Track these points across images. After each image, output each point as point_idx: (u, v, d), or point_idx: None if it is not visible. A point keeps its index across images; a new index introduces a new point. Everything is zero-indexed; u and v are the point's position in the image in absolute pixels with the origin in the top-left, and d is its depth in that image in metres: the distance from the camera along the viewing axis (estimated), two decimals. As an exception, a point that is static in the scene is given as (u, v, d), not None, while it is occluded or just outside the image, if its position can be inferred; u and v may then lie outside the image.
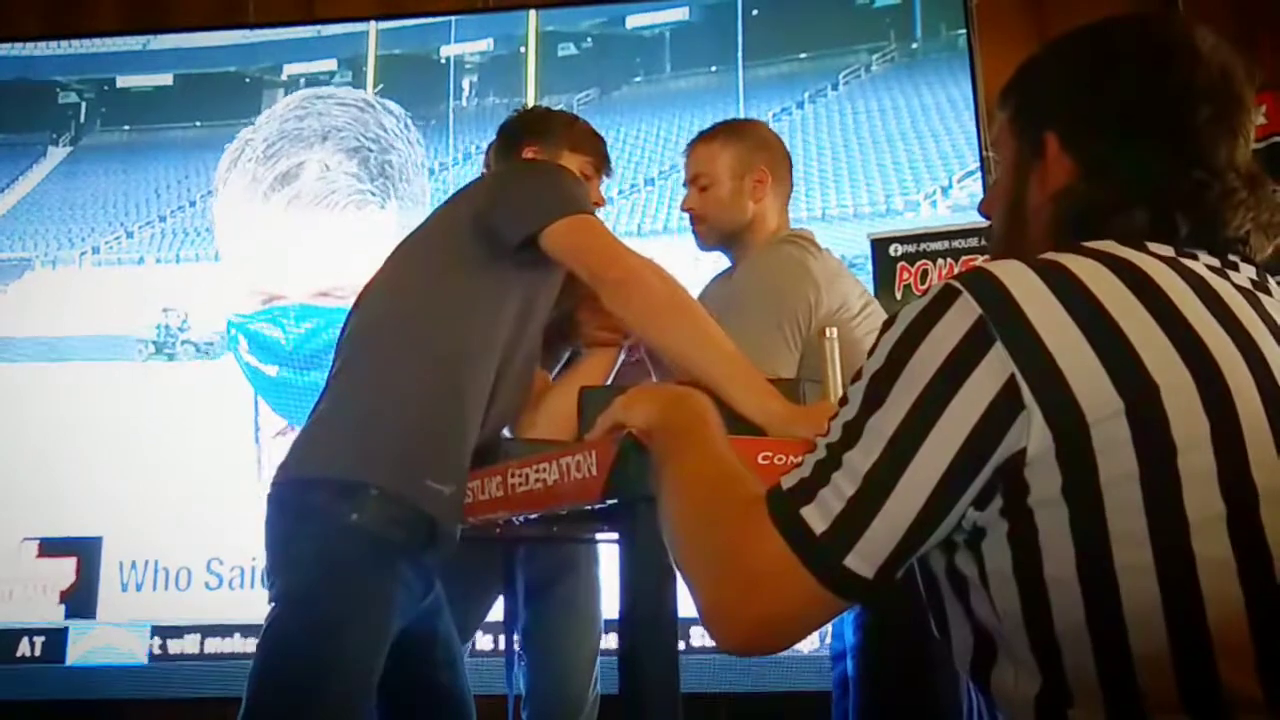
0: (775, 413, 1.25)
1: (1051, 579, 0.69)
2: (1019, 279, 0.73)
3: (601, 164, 1.72)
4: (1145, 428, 0.68)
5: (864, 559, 0.71)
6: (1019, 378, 0.69)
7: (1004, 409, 0.69)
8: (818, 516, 0.72)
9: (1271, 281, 0.81)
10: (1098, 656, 0.68)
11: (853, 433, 0.74)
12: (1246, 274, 0.79)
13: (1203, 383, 0.69)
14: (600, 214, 1.55)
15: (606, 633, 2.00)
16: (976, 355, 0.70)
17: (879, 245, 2.99)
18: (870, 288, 2.90)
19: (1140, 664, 0.67)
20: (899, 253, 2.98)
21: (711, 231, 1.90)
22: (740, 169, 1.87)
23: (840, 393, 1.32)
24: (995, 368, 0.70)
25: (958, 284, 0.74)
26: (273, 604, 1.35)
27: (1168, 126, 0.81)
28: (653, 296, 1.36)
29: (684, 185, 1.95)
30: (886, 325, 0.76)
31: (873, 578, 0.71)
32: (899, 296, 2.90)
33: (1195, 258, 0.78)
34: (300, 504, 1.35)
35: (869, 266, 3.01)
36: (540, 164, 1.61)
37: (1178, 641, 0.66)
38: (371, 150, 3.57)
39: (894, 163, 3.39)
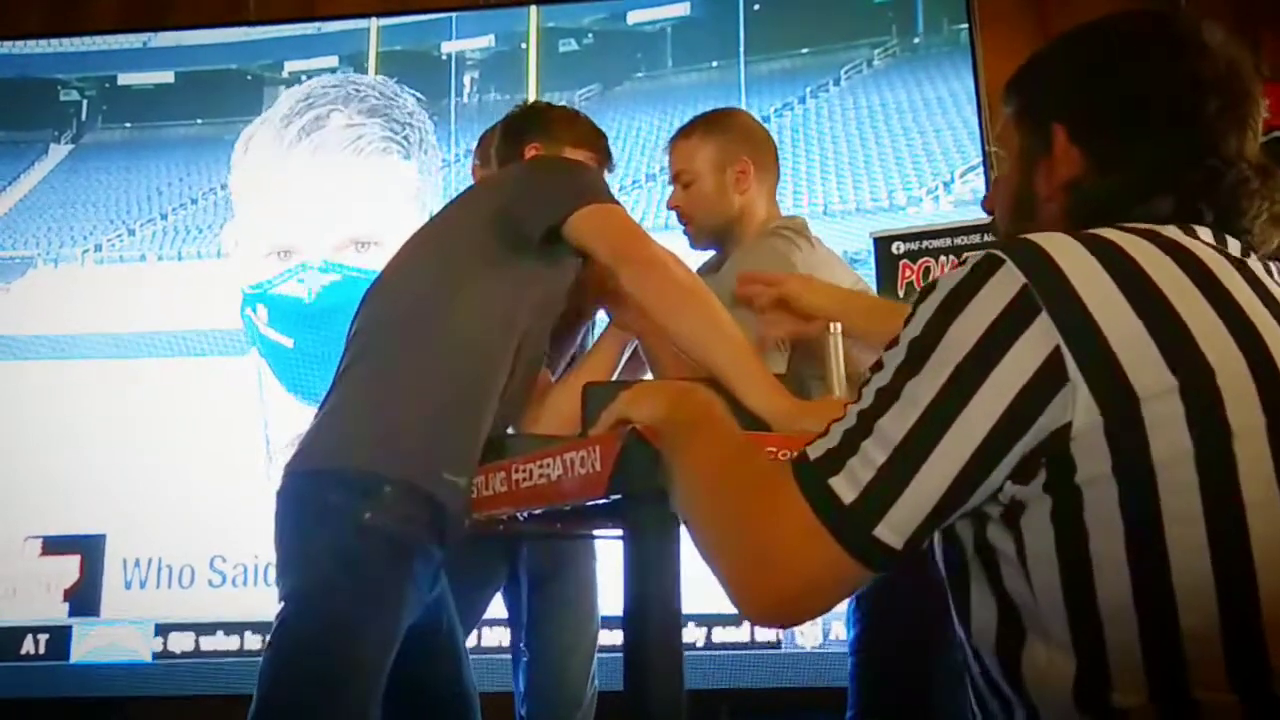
0: (781, 408, 1.25)
1: (1098, 556, 0.68)
2: (1065, 249, 0.72)
3: (604, 159, 1.72)
4: (1200, 408, 0.67)
5: (894, 529, 0.70)
6: (1064, 350, 0.68)
7: (1047, 382, 0.68)
8: (847, 486, 0.71)
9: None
10: (1144, 635, 0.67)
11: (886, 399, 0.72)
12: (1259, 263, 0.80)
13: (1255, 365, 0.69)
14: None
15: (608, 628, 2.00)
16: (1020, 325, 0.69)
17: (881, 243, 2.98)
18: (873, 286, 2.91)
19: (1189, 643, 0.66)
20: (901, 250, 2.96)
21: (700, 229, 1.88)
22: (721, 162, 1.83)
23: (843, 387, 1.33)
24: (1039, 339, 0.69)
25: (1000, 253, 0.73)
26: (283, 602, 1.34)
27: (1178, 116, 0.81)
28: (673, 281, 1.37)
29: (669, 183, 1.93)
30: (925, 292, 0.75)
31: (901, 548, 0.71)
32: (901, 295, 2.89)
33: (1227, 244, 0.78)
34: (313, 499, 1.34)
35: (871, 264, 3.00)
36: (559, 159, 1.62)
37: (1229, 621, 0.66)
38: (395, 110, 3.58)
39: (896, 158, 3.38)
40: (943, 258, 2.91)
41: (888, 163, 3.39)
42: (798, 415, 1.22)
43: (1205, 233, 0.78)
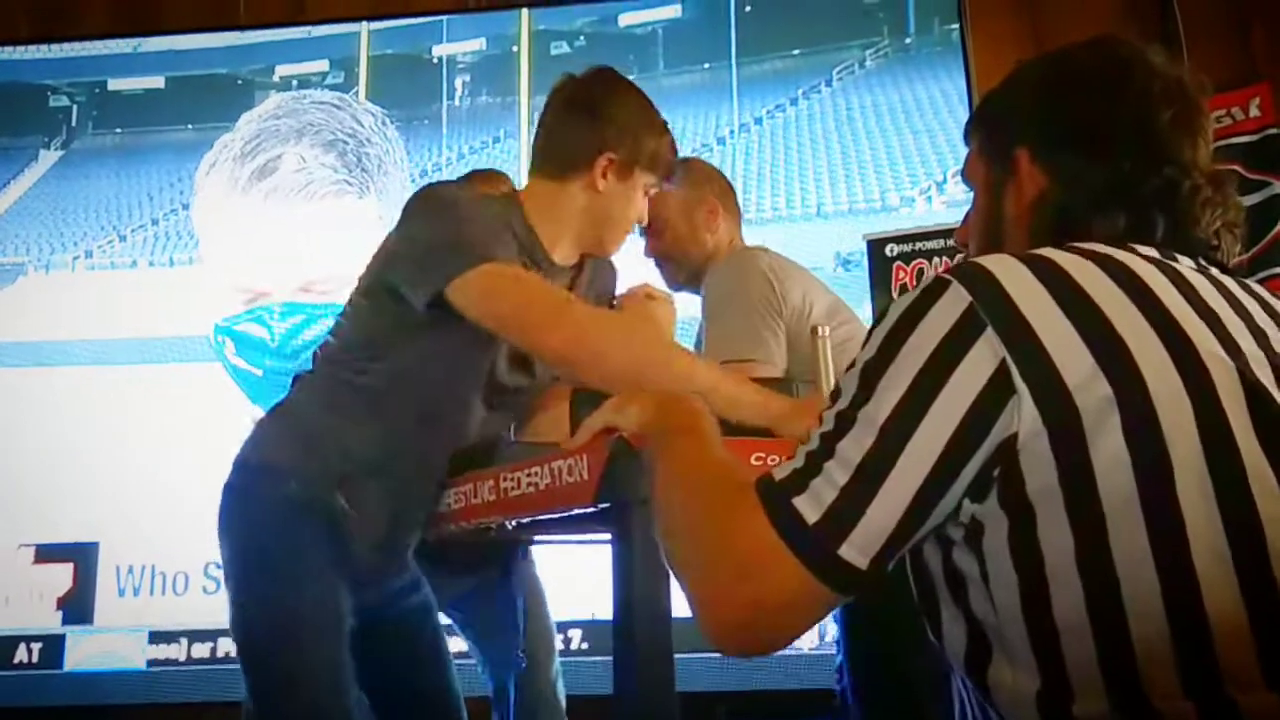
0: (776, 410, 1.24)
1: (1052, 572, 0.69)
2: (1007, 269, 0.75)
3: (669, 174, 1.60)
4: (1135, 417, 0.69)
5: (858, 549, 0.71)
6: (1010, 362, 0.70)
7: (996, 394, 0.70)
8: (810, 506, 0.72)
9: (1254, 284, 0.83)
10: (1099, 646, 0.68)
11: (845, 422, 0.74)
12: (1223, 274, 0.82)
13: (1187, 373, 0.70)
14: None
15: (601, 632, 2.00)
16: (968, 341, 0.71)
17: (875, 245, 2.99)
18: (867, 288, 2.92)
19: (1141, 652, 0.67)
20: (895, 252, 2.97)
21: (679, 269, 1.94)
22: (688, 207, 1.91)
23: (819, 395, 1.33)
24: (987, 353, 0.70)
25: (947, 275, 0.75)
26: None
27: (1134, 129, 0.85)
28: (607, 365, 1.25)
29: (640, 235, 1.95)
30: (879, 318, 0.77)
31: (866, 568, 0.71)
32: (895, 296, 2.89)
33: (1176, 260, 0.80)
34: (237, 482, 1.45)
35: (865, 265, 3.00)
36: (442, 202, 1.43)
37: (1178, 628, 0.66)
38: (348, 144, 3.56)
39: (889, 158, 3.38)
40: (936, 259, 2.91)
41: (880, 163, 3.39)
42: (793, 414, 1.22)
43: (1148, 250, 0.80)
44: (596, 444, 1.09)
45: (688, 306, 1.93)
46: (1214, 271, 0.81)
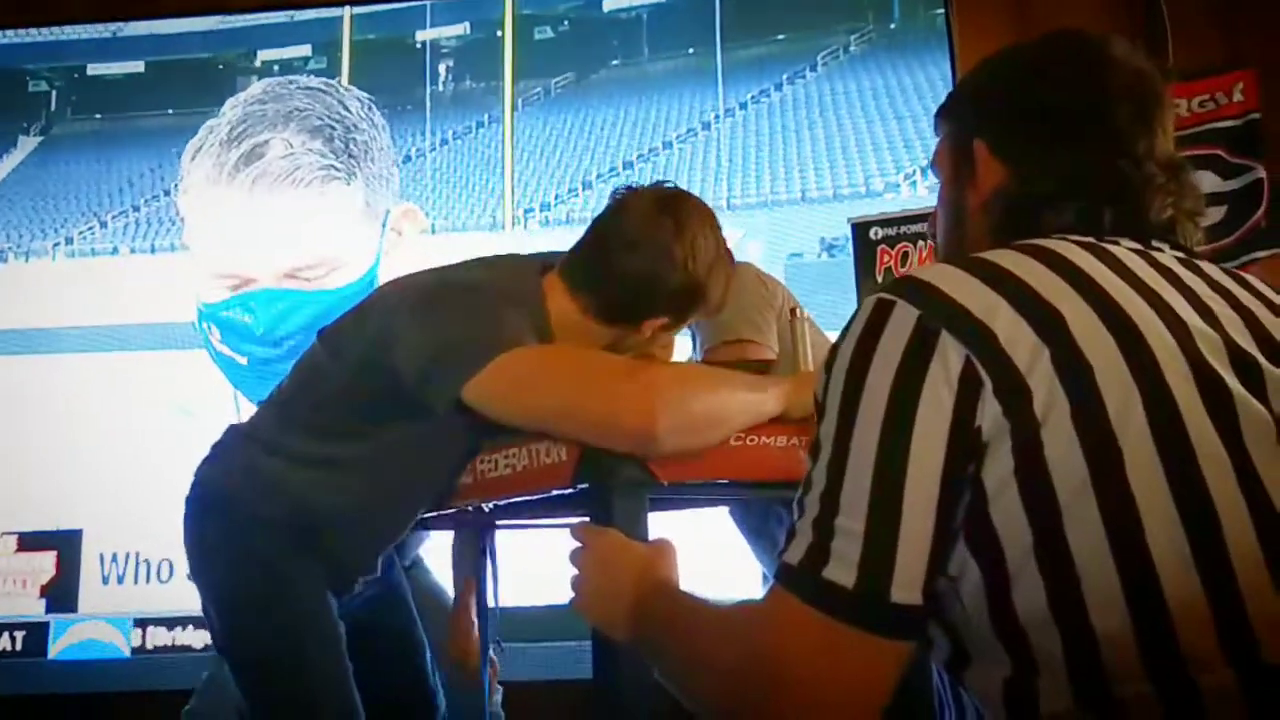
0: (784, 392, 1.21)
1: (1015, 570, 0.69)
2: (945, 275, 0.76)
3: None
4: (1082, 403, 0.69)
5: (907, 588, 0.68)
6: (973, 357, 0.70)
7: (969, 391, 0.70)
8: (842, 571, 0.69)
9: (1204, 263, 0.83)
10: (1065, 641, 0.68)
11: (836, 471, 0.72)
12: (1173, 255, 0.82)
13: (1130, 354, 0.70)
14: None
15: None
16: (928, 351, 0.71)
17: (859, 229, 2.99)
18: (851, 272, 2.92)
19: (1103, 638, 0.67)
20: (879, 236, 2.97)
21: None
22: None
23: (809, 366, 1.34)
24: (950, 355, 0.70)
25: (888, 295, 0.75)
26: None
27: (1090, 122, 0.85)
28: (691, 431, 1.10)
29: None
30: (831, 357, 0.76)
31: (923, 602, 0.69)
32: (880, 279, 2.89)
33: (1117, 244, 0.81)
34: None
35: (850, 249, 3.00)
36: (448, 299, 1.29)
37: (1137, 612, 0.66)
38: (335, 129, 3.53)
39: (873, 143, 3.38)
40: (920, 243, 2.91)
41: (865, 148, 3.38)
42: (792, 390, 1.20)
43: (1084, 237, 0.80)
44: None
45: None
46: (1154, 254, 0.81)
